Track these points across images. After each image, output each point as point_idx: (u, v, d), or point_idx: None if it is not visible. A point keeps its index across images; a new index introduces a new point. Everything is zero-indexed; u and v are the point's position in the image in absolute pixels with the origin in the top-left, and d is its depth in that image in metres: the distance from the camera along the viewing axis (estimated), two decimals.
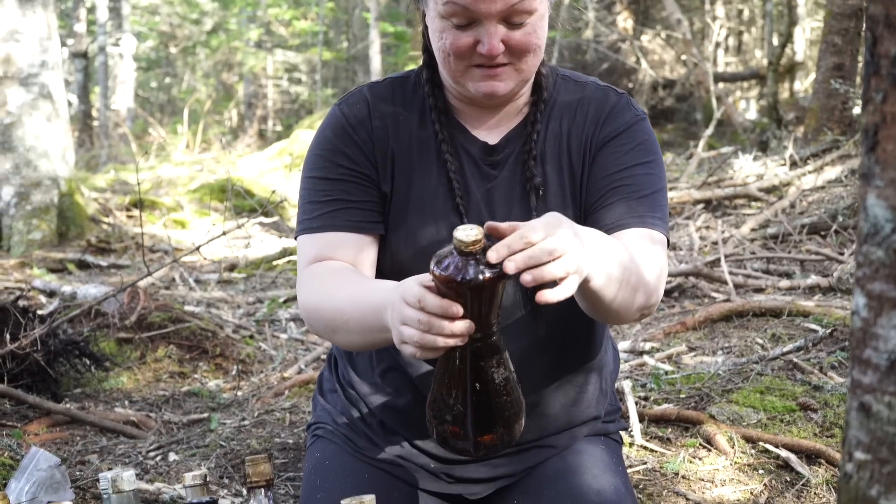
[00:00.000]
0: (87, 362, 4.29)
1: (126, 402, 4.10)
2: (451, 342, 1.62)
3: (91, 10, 22.23)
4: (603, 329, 2.27)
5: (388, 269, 2.11)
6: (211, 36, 26.30)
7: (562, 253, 1.58)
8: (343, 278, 2.00)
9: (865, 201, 1.21)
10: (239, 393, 4.19)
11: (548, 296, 1.59)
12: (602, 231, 1.93)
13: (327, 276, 2.02)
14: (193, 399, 4.17)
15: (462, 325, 1.61)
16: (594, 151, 2.10)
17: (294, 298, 5.95)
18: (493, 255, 1.56)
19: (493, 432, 1.74)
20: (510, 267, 1.55)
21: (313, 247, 2.08)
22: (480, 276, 1.56)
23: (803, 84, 24.06)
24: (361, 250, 2.08)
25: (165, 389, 4.28)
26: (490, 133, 2.12)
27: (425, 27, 2.10)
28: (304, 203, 2.12)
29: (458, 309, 1.59)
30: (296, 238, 2.14)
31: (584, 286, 1.74)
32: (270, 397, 4.07)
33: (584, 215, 2.11)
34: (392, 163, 2.09)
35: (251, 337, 5.09)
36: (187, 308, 5.32)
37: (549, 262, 1.57)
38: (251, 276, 6.65)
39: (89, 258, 6.91)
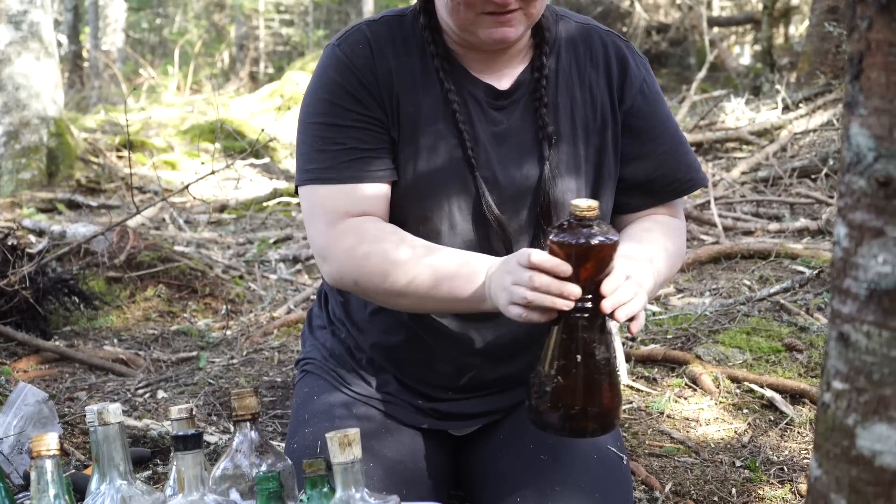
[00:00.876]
0: (77, 300, 4.29)
1: (115, 341, 4.10)
2: (560, 303, 1.70)
3: None
4: None
5: (397, 217, 2.07)
6: None
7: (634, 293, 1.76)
8: (410, 244, 1.97)
9: (849, 130, 1.20)
10: (228, 332, 4.20)
11: (635, 328, 1.81)
12: (660, 192, 2.17)
13: (387, 239, 1.97)
14: (182, 338, 4.18)
15: (572, 288, 1.70)
16: (625, 110, 2.14)
17: (284, 239, 5.95)
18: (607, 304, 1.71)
19: (587, 415, 1.76)
20: (607, 306, 1.71)
21: (338, 200, 2.01)
22: (594, 241, 1.68)
23: (798, 29, 23.90)
24: (381, 200, 2.04)
25: (154, 328, 4.29)
26: (496, 77, 2.09)
27: None
28: (312, 150, 2.04)
29: (569, 268, 1.69)
30: (300, 184, 2.07)
31: None
32: (259, 336, 4.08)
33: (618, 159, 2.15)
34: (397, 108, 2.04)
35: (241, 277, 5.09)
36: (177, 248, 5.32)
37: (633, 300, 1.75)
38: (241, 217, 6.63)
39: (79, 198, 6.88)
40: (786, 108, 7.78)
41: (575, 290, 1.69)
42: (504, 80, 2.09)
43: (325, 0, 23.27)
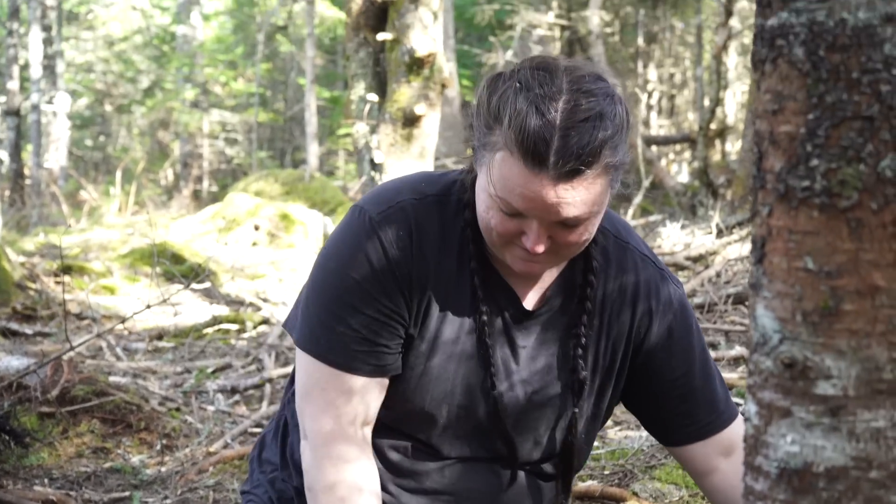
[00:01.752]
0: (7, 438, 4.20)
1: (46, 480, 4.01)
2: None
3: (25, 67, 22.06)
4: None
5: (393, 405, 2.03)
6: (147, 94, 26.23)
7: None
8: None
9: (755, 311, 1.24)
10: (163, 469, 4.13)
11: None
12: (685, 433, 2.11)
13: None
14: (116, 476, 4.09)
15: None
16: (646, 351, 2.07)
17: (223, 368, 5.89)
18: None
19: None
20: None
21: (329, 388, 1.96)
22: None
23: (734, 147, 24.54)
24: (378, 395, 1.99)
25: (87, 465, 4.20)
26: (524, 286, 2.01)
27: (473, 172, 1.94)
28: (319, 316, 1.96)
29: None
30: (303, 348, 1.99)
31: None
32: (194, 474, 4.01)
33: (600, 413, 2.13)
34: (427, 306, 1.96)
35: (178, 409, 5.02)
36: (113, 379, 5.24)
37: None
38: (180, 346, 6.58)
39: (14, 326, 6.78)
40: (720, 233, 7.94)
41: None
42: (531, 295, 2.02)
43: (269, 120, 23.52)
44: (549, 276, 2.01)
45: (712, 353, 5.05)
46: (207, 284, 8.08)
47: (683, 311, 2.08)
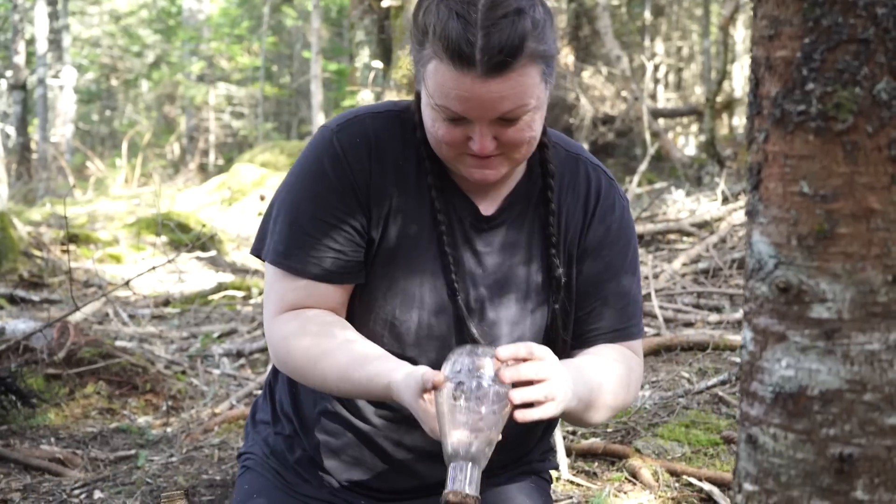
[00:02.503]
0: (14, 398, 4.23)
1: (53, 439, 4.04)
2: None
3: (31, 41, 22.04)
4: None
5: (360, 309, 2.07)
6: (153, 68, 26.20)
7: (546, 377, 1.75)
8: (333, 334, 1.99)
9: (751, 238, 1.24)
10: (168, 429, 4.15)
11: (526, 415, 1.73)
12: (587, 336, 2.12)
13: (317, 331, 1.99)
14: (122, 436, 4.12)
15: None
16: (582, 251, 2.11)
17: (228, 333, 5.92)
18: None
19: None
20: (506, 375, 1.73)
21: (289, 291, 2.03)
22: None
23: (741, 119, 24.46)
24: (337, 298, 2.04)
25: (94, 426, 4.23)
26: (484, 198, 2.06)
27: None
28: (284, 232, 2.03)
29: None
30: (266, 260, 2.07)
31: (567, 412, 1.89)
32: (199, 433, 4.04)
33: (566, 316, 2.13)
34: (387, 212, 2.01)
35: (183, 372, 5.05)
36: (119, 343, 5.27)
37: (536, 382, 1.74)
38: (186, 312, 6.60)
39: (20, 293, 6.81)
40: (725, 200, 7.93)
41: None
42: (489, 204, 2.07)
43: (274, 93, 23.48)
44: (506, 187, 2.07)
45: (716, 316, 5.07)
46: (213, 253, 8.10)
47: (623, 219, 2.14)
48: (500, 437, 1.74)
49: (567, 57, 19.58)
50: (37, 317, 5.96)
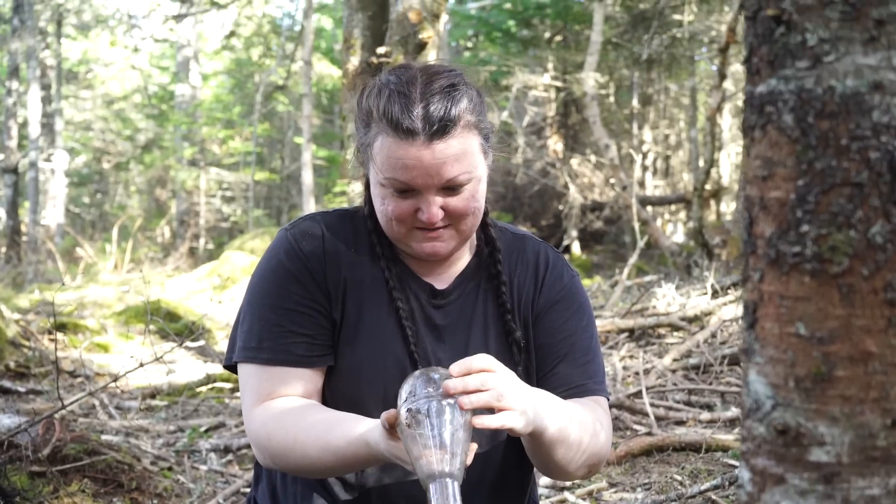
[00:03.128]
0: None
1: None
2: None
3: (23, 125, 22.16)
4: (530, 475, 2.31)
5: (332, 398, 2.12)
6: (145, 152, 26.34)
7: (493, 386, 1.76)
8: (308, 411, 2.02)
9: (748, 377, 1.24)
10: None
11: (482, 420, 1.74)
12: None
13: (291, 413, 2.02)
14: None
15: None
16: (536, 314, 2.20)
17: (216, 427, 5.86)
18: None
19: None
20: (452, 385, 1.75)
21: (264, 381, 2.08)
22: None
23: (730, 207, 24.63)
24: (311, 384, 2.09)
25: None
26: (436, 277, 2.18)
27: (367, 181, 2.14)
28: (250, 328, 2.10)
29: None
30: (237, 361, 2.12)
31: (539, 438, 1.88)
32: None
33: (528, 377, 2.17)
34: (344, 293, 2.11)
35: (170, 468, 4.98)
36: (106, 437, 5.20)
37: (484, 391, 1.76)
38: (174, 404, 6.53)
39: (6, 383, 6.73)
40: (714, 294, 7.94)
41: None
42: (441, 281, 2.18)
43: (265, 179, 23.60)
44: (456, 266, 2.20)
45: (707, 415, 5.04)
46: (202, 343, 8.04)
47: (573, 286, 2.24)
48: (468, 455, 1.75)
49: (556, 144, 19.78)
50: (23, 409, 5.89)
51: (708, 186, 16.00)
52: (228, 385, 7.03)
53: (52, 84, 23.41)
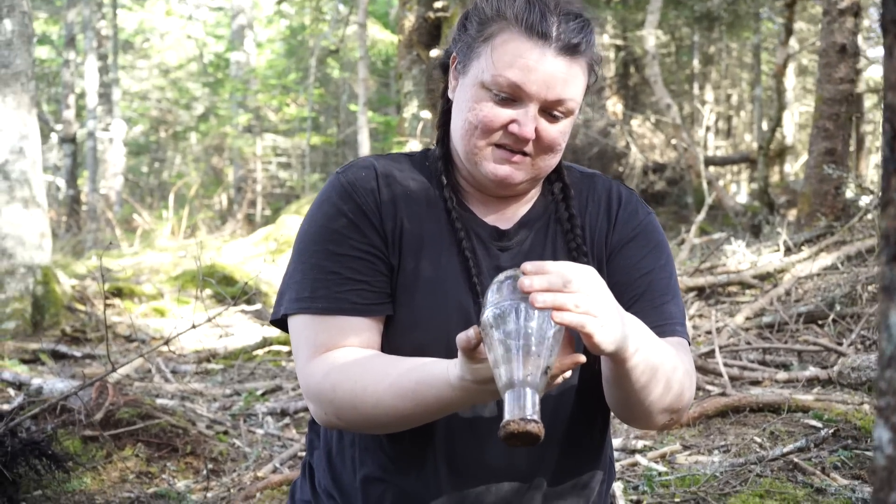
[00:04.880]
0: (48, 462, 4.05)
1: None
2: None
3: (81, 95, 22.28)
4: (606, 432, 2.13)
5: (393, 350, 1.95)
6: (201, 121, 26.40)
7: (577, 289, 1.56)
8: (374, 365, 1.85)
9: (888, 319, 1.02)
10: (209, 494, 3.95)
11: (561, 315, 1.52)
12: None
13: (357, 361, 1.86)
14: (160, 501, 3.93)
15: None
16: (610, 252, 2.04)
17: (273, 391, 5.74)
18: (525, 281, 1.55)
19: None
20: (525, 283, 1.54)
21: (321, 332, 1.91)
22: None
23: (793, 167, 24.16)
24: (371, 334, 1.93)
25: (131, 491, 4.04)
26: (499, 219, 2.03)
27: (446, 100, 2.03)
28: (304, 278, 1.94)
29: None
30: (289, 314, 1.96)
31: (623, 363, 1.68)
32: (241, 500, 3.83)
33: None
34: (401, 236, 1.96)
35: (225, 432, 4.86)
36: (161, 401, 5.10)
37: (567, 292, 1.55)
38: (229, 368, 6.43)
39: (63, 348, 6.68)
40: (787, 251, 7.65)
41: None
42: (505, 222, 2.03)
43: (321, 143, 23.54)
44: (521, 208, 2.05)
45: (784, 374, 4.81)
46: (259, 306, 7.95)
47: (649, 223, 2.09)
48: (552, 362, 1.54)
49: (616, 105, 19.43)
50: (78, 373, 5.81)
51: (773, 146, 15.60)
52: (285, 348, 6.91)
53: (108, 54, 23.50)
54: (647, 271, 2.01)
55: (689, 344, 2.05)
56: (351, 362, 1.86)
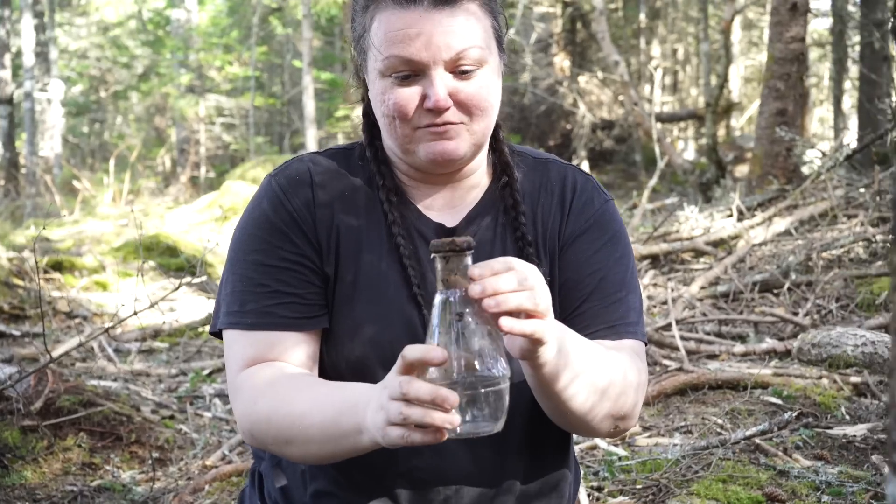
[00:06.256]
0: None
1: (29, 502, 3.70)
2: (437, 418, 1.44)
3: (17, 54, 21.71)
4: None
5: (332, 363, 1.86)
6: (142, 80, 25.89)
7: (531, 286, 1.48)
8: (297, 381, 1.75)
9: None
10: (156, 485, 3.81)
11: (512, 323, 1.45)
12: None
13: (277, 381, 1.75)
14: (105, 494, 3.79)
15: (446, 394, 1.43)
16: (563, 244, 1.93)
17: (219, 370, 5.58)
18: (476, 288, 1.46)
19: None
20: (476, 290, 1.45)
21: (248, 346, 1.81)
22: None
23: (739, 122, 24.24)
24: (303, 349, 1.83)
25: (74, 484, 3.89)
26: (445, 214, 1.92)
27: (367, 103, 1.91)
28: (233, 289, 1.85)
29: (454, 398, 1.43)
30: (218, 329, 1.88)
31: (557, 372, 1.61)
32: (189, 493, 3.70)
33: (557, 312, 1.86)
34: (337, 243, 1.86)
35: (171, 417, 4.71)
36: (104, 384, 4.94)
37: (516, 291, 1.47)
38: (175, 346, 6.26)
39: (0, 326, 6.46)
40: (740, 215, 7.60)
41: (452, 397, 1.43)
42: (453, 218, 1.91)
43: (266, 104, 23.18)
44: (468, 199, 1.94)
45: (741, 347, 4.75)
46: (203, 278, 7.76)
47: (605, 212, 1.97)
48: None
49: (563, 62, 19.30)
50: (17, 354, 5.61)
51: (721, 102, 15.58)
52: None
53: (44, 12, 22.89)
54: (600, 266, 1.91)
55: (645, 342, 1.96)
56: (273, 381, 1.77)
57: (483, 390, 1.46)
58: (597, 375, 1.69)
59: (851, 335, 3.62)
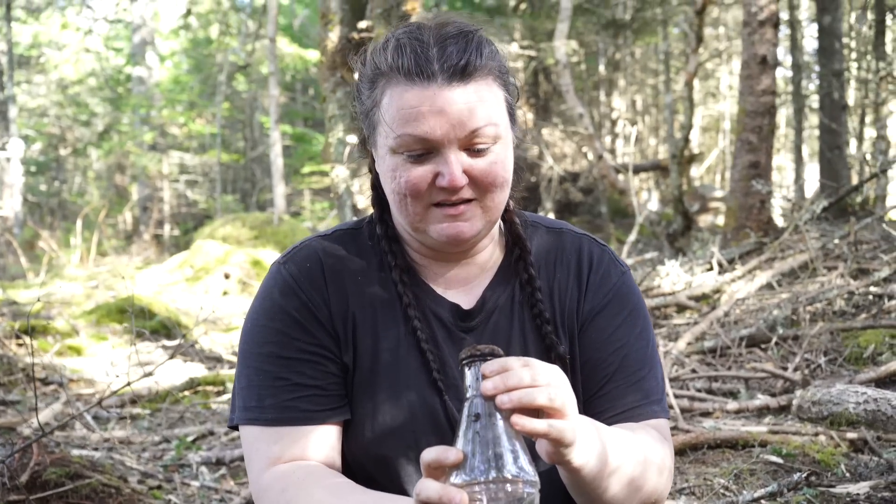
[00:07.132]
0: None
1: None
2: None
3: None
4: None
5: (352, 454, 1.81)
6: (103, 137, 25.75)
7: (547, 382, 1.42)
8: (329, 488, 1.67)
9: None
10: None
11: (523, 421, 1.39)
12: (601, 420, 1.75)
13: (308, 487, 1.68)
14: None
15: None
16: (581, 322, 1.88)
17: (204, 436, 5.48)
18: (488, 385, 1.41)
19: None
20: (488, 386, 1.40)
21: (272, 444, 1.75)
22: None
23: (698, 172, 24.49)
24: (327, 442, 1.77)
25: None
26: (461, 294, 1.87)
27: (375, 175, 1.86)
28: (248, 383, 1.79)
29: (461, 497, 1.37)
30: (239, 424, 1.81)
31: (577, 470, 1.52)
32: None
33: (579, 392, 1.85)
34: (353, 330, 1.81)
35: (159, 487, 4.60)
36: (87, 453, 4.82)
37: (531, 386, 1.41)
38: (156, 411, 6.14)
39: None
40: (721, 268, 7.62)
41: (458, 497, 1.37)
42: (468, 298, 1.87)
43: (231, 161, 23.10)
44: (484, 277, 1.90)
45: (734, 404, 4.73)
46: (179, 340, 7.65)
47: (623, 286, 1.94)
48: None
49: (526, 114, 19.45)
50: None
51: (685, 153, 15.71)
52: (213, 388, 6.65)
53: (3, 70, 22.74)
54: (622, 344, 1.87)
55: (668, 417, 1.92)
56: (302, 484, 1.70)
57: (503, 491, 1.42)
58: (631, 468, 1.65)
59: (853, 392, 3.61)
